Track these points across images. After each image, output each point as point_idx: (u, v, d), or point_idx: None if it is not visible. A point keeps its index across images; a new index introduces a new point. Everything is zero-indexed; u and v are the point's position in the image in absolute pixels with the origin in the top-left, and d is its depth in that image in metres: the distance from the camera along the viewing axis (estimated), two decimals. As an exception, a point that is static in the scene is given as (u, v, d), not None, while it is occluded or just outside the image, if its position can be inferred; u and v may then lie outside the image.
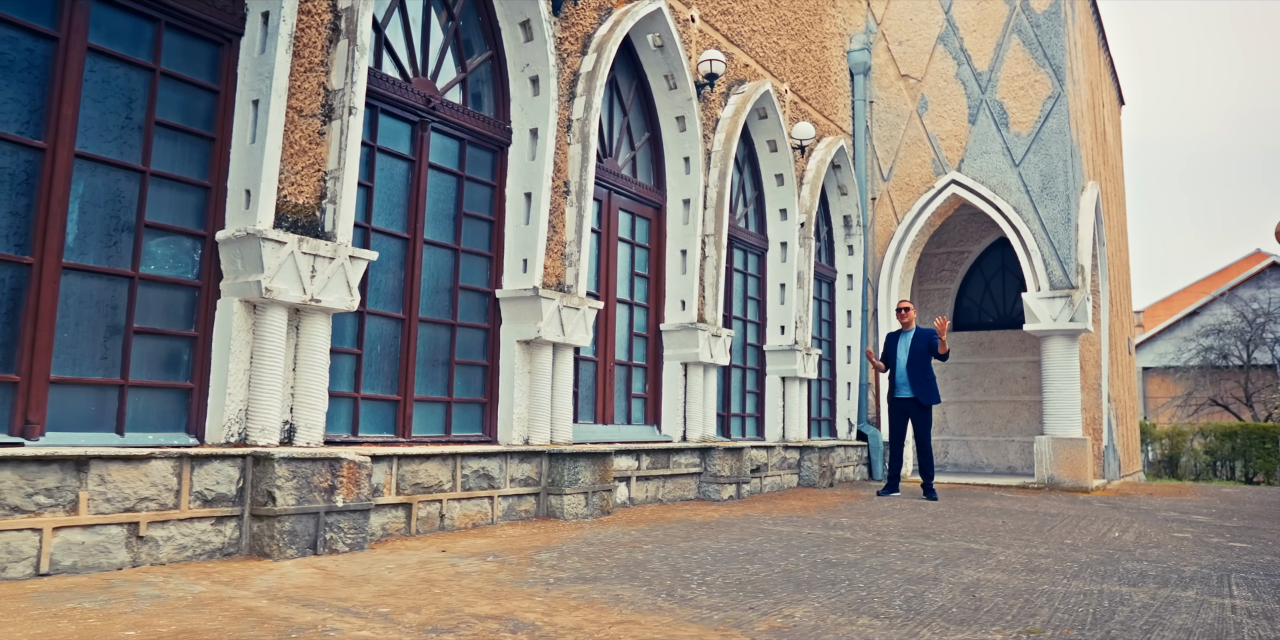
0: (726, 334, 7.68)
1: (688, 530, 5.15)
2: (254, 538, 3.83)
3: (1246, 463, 24.19)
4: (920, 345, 8.14)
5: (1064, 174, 10.05)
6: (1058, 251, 9.95)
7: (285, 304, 4.19)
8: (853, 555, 4.37)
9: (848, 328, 10.76)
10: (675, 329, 7.37)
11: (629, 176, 7.26)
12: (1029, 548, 4.82)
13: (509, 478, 5.30)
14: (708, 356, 7.39)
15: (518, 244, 5.83)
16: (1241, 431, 24.20)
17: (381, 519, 4.49)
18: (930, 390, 8.12)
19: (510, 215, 5.89)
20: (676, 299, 7.51)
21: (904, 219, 10.96)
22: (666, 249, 7.59)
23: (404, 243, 5.25)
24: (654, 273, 7.53)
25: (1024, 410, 12.43)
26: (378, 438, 4.94)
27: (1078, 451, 9.61)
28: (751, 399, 8.95)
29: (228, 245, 4.14)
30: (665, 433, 7.33)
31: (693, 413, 7.40)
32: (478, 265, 5.76)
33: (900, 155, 11.13)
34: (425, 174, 5.38)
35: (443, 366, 5.45)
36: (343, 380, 4.81)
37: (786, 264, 9.20)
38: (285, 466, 3.83)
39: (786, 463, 8.69)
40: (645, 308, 7.43)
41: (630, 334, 7.23)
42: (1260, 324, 28.93)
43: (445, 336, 5.48)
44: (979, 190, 10.45)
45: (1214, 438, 24.53)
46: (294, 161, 4.39)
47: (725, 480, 7.14)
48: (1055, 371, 9.84)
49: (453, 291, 5.55)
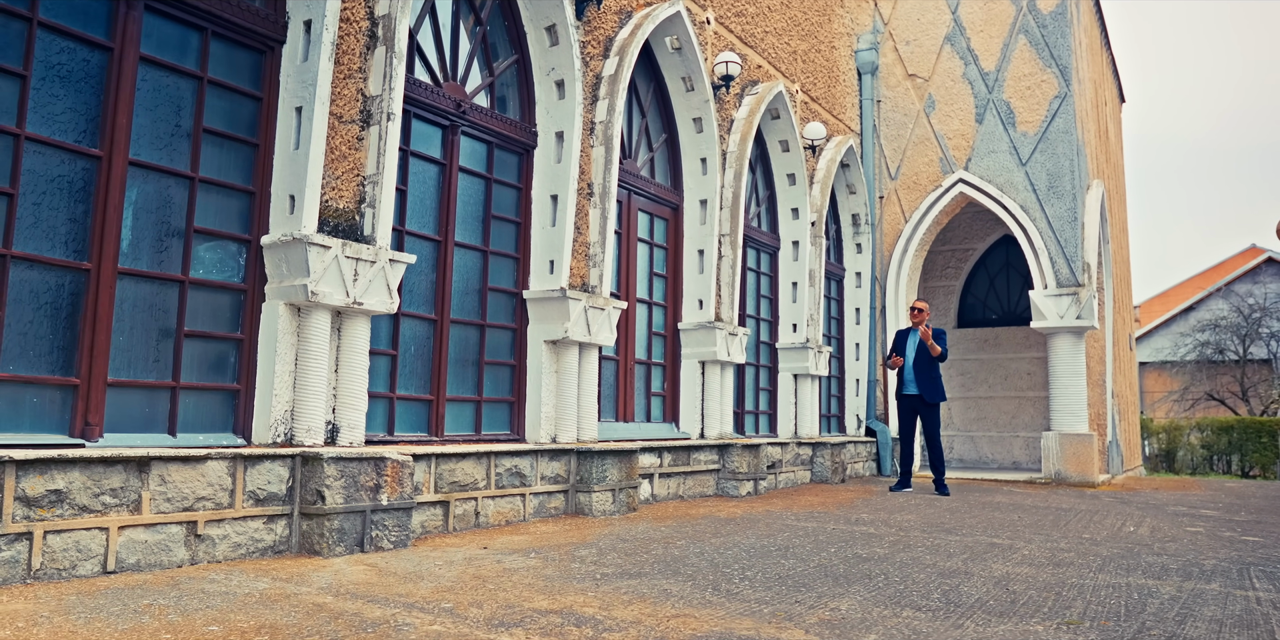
0: (743, 332, 7.79)
1: (715, 526, 5.26)
2: (304, 536, 3.94)
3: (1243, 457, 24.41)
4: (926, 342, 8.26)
5: (1070, 173, 10.17)
6: (1064, 249, 10.08)
7: (329, 307, 4.28)
8: (881, 550, 4.49)
9: (856, 325, 10.88)
10: (693, 328, 7.48)
11: (647, 177, 7.36)
12: (1050, 542, 4.94)
13: (539, 475, 5.40)
14: (725, 355, 7.50)
15: (544, 245, 5.93)
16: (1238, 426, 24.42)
17: (421, 517, 4.60)
18: (936, 388, 8.24)
19: (536, 217, 5.99)
20: (694, 298, 7.61)
21: (911, 217, 11.08)
22: (684, 249, 7.69)
23: (436, 245, 5.35)
24: (671, 272, 7.64)
25: (1029, 406, 12.58)
26: (412, 437, 5.04)
27: (1084, 447, 9.75)
28: (764, 396, 9.06)
29: (273, 250, 4.24)
30: (684, 430, 7.44)
31: (710, 410, 7.51)
32: (505, 267, 5.85)
33: (908, 154, 11.24)
34: (456, 177, 5.48)
35: (473, 366, 5.55)
36: (379, 381, 4.91)
37: (798, 262, 9.31)
38: (333, 466, 3.93)
39: (800, 459, 8.81)
40: (663, 307, 7.54)
41: (649, 333, 7.34)
42: (1256, 319, 29.15)
43: (475, 337, 5.58)
44: (986, 189, 10.57)
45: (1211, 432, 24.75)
46: (334, 167, 4.48)
47: (743, 477, 7.26)
48: (1062, 368, 9.98)
49: (482, 292, 5.64)
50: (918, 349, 8.30)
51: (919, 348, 8.29)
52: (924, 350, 8.24)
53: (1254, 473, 23.93)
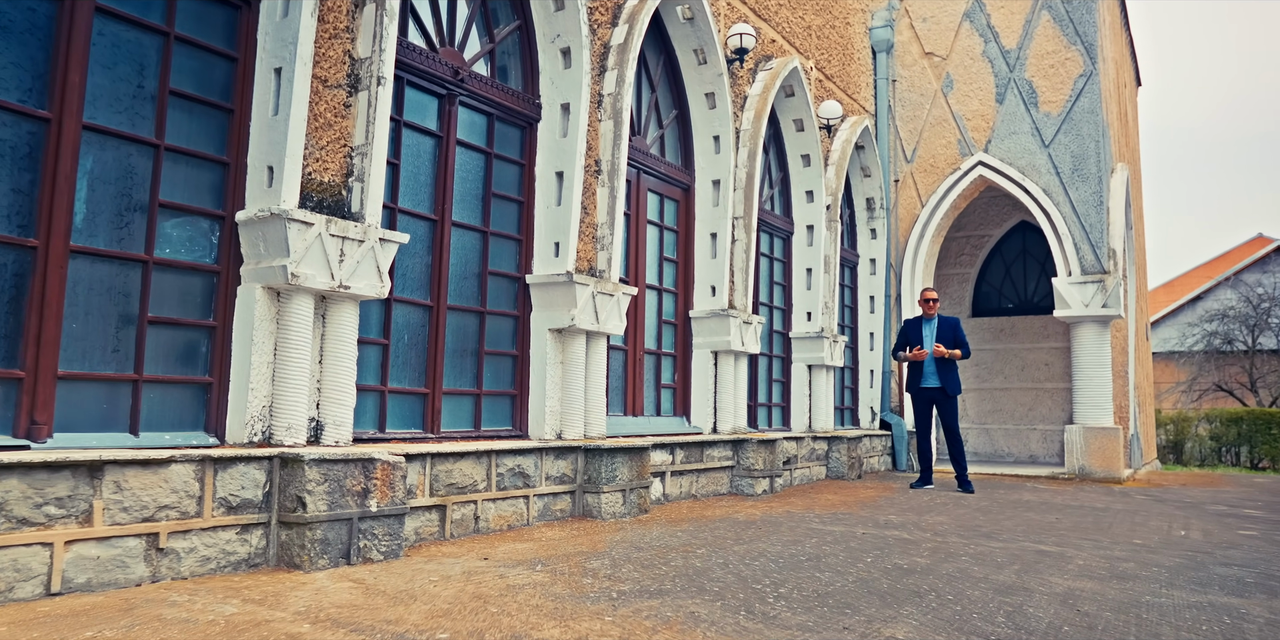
0: (757, 321, 7.36)
1: (735, 531, 4.85)
2: (282, 547, 3.51)
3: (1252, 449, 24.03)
4: (945, 335, 7.84)
5: (1095, 155, 9.72)
6: (1089, 235, 9.64)
7: (312, 291, 3.85)
8: (922, 560, 4.07)
9: (870, 314, 10.45)
10: (705, 316, 7.05)
11: (657, 156, 6.92)
12: (1101, 550, 4.53)
13: (544, 475, 4.98)
14: (739, 344, 7.07)
15: (549, 226, 5.49)
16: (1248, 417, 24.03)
17: (415, 523, 4.18)
18: (956, 380, 7.83)
19: (540, 196, 5.55)
20: (706, 284, 7.18)
21: (928, 201, 10.64)
22: (695, 232, 7.25)
23: (431, 225, 4.91)
24: (682, 257, 7.20)
25: (1046, 398, 12.17)
26: (406, 434, 4.61)
27: (1110, 441, 9.35)
28: (777, 388, 8.64)
29: (249, 227, 3.80)
30: (695, 424, 7.02)
31: (723, 403, 7.09)
32: (507, 249, 5.42)
33: (924, 136, 10.78)
34: (453, 151, 5.03)
35: (471, 357, 5.12)
36: (369, 373, 4.48)
37: (813, 248, 8.87)
38: (316, 469, 3.51)
39: (815, 454, 8.40)
40: (674, 294, 7.10)
41: (659, 321, 6.91)
42: (1265, 309, 28.75)
43: (474, 325, 5.15)
44: (1007, 172, 10.12)
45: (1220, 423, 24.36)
46: (318, 136, 4.04)
47: (759, 474, 6.85)
48: (1086, 359, 9.56)
49: (481, 277, 5.21)
50: (936, 340, 7.88)
51: (937, 338, 7.86)
52: (942, 340, 7.81)
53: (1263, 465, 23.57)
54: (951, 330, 7.82)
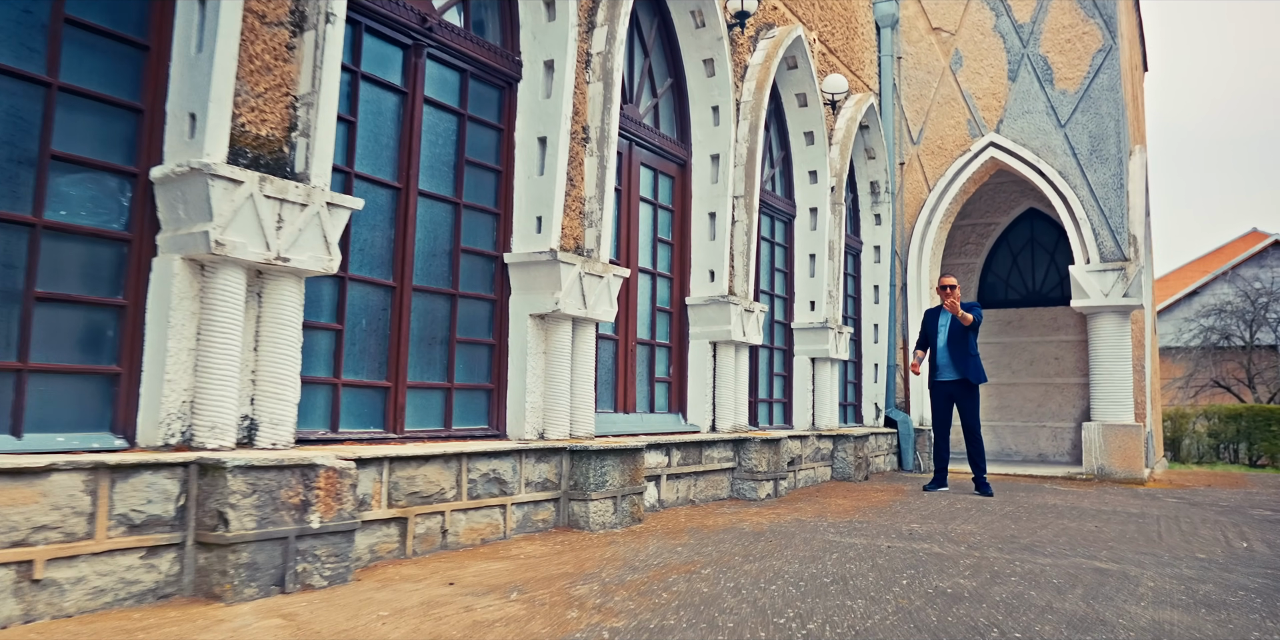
0: (760, 309, 6.75)
1: (743, 544, 4.24)
2: (200, 573, 2.88)
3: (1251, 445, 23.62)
4: (960, 322, 7.25)
5: (1115, 135, 9.15)
6: (1109, 220, 9.08)
7: (242, 263, 3.21)
8: (966, 582, 3.47)
9: (875, 304, 9.86)
10: (703, 303, 6.43)
11: (651, 127, 6.29)
12: (1165, 567, 3.94)
13: (524, 481, 4.35)
14: (740, 335, 6.46)
15: (530, 199, 4.86)
16: (1247, 414, 23.59)
17: (369, 539, 3.54)
18: (977, 368, 7.26)
19: (521, 164, 4.91)
20: (704, 269, 6.56)
21: (936, 186, 10.05)
22: (692, 211, 6.63)
23: (394, 194, 4.27)
24: (678, 238, 6.58)
25: (1056, 394, 11.62)
26: (363, 434, 3.98)
27: (1130, 439, 8.79)
28: (779, 382, 8.04)
29: (167, 186, 3.15)
30: (692, 422, 6.41)
31: (723, 399, 6.48)
32: (482, 223, 4.78)
33: (931, 116, 10.19)
34: (420, 110, 4.39)
35: (441, 346, 4.48)
36: (319, 363, 3.84)
37: (816, 232, 8.26)
38: (242, 477, 2.87)
39: (820, 454, 7.80)
40: (669, 279, 6.48)
41: (652, 308, 6.28)
42: (1263, 304, 28.36)
43: (444, 309, 4.51)
44: (1021, 153, 9.54)
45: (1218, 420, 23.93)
46: (254, 81, 3.39)
47: (762, 477, 6.24)
48: (1105, 351, 9.00)
49: (453, 254, 4.57)
50: (950, 330, 7.29)
51: (951, 328, 7.28)
52: (958, 330, 7.23)
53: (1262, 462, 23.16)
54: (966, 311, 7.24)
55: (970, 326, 7.14)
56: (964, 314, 7.05)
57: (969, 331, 7.21)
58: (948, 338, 7.29)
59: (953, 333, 7.32)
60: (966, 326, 7.18)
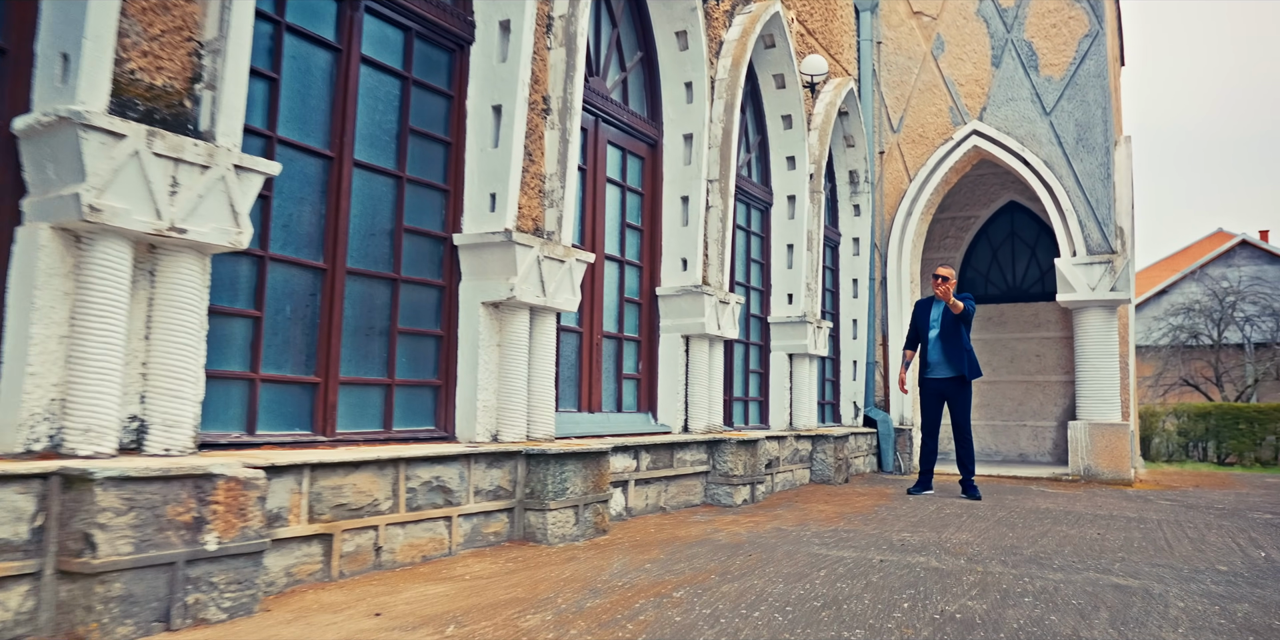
0: (735, 301, 6.30)
1: (720, 560, 3.77)
2: (61, 609, 2.36)
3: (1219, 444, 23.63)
4: (955, 316, 6.85)
5: (1101, 123, 8.82)
6: (1095, 212, 8.74)
7: (127, 234, 2.69)
8: (975, 604, 3.03)
9: (853, 298, 9.46)
10: (675, 293, 5.97)
11: (619, 102, 5.81)
12: (1188, 582, 3.54)
13: (473, 489, 3.86)
14: (714, 328, 6.00)
15: (484, 174, 4.36)
16: (1215, 412, 23.60)
17: (285, 560, 3.03)
18: (972, 363, 6.85)
19: (473, 136, 4.41)
20: (676, 257, 6.09)
21: (917, 175, 9.67)
22: (663, 195, 6.16)
23: (325, 164, 3.75)
24: (648, 224, 6.11)
25: (1037, 392, 11.31)
26: (286, 436, 3.46)
27: (1117, 439, 8.46)
28: (755, 379, 7.60)
29: (33, 140, 2.63)
30: (663, 422, 5.94)
31: (696, 397, 6.02)
32: (429, 201, 4.27)
33: (912, 103, 9.81)
34: (356, 70, 3.88)
35: (380, 337, 3.97)
36: (233, 355, 3.32)
37: (794, 221, 7.84)
38: (115, 491, 2.36)
39: (799, 455, 7.37)
40: (638, 267, 6.01)
41: (620, 299, 5.81)
42: (1231, 303, 28.49)
43: (384, 295, 4.00)
44: (1005, 142, 9.18)
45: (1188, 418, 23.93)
46: (148, 20, 2.87)
47: (738, 480, 5.79)
48: (1092, 348, 8.66)
49: (394, 234, 4.06)
50: (942, 322, 6.89)
51: (944, 321, 6.88)
52: (950, 322, 6.83)
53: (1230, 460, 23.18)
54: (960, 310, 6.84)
55: (961, 316, 6.73)
56: (955, 301, 6.63)
57: (961, 323, 6.80)
58: (940, 332, 6.87)
59: (945, 326, 6.90)
60: (957, 315, 6.76)
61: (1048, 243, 11.45)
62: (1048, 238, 11.46)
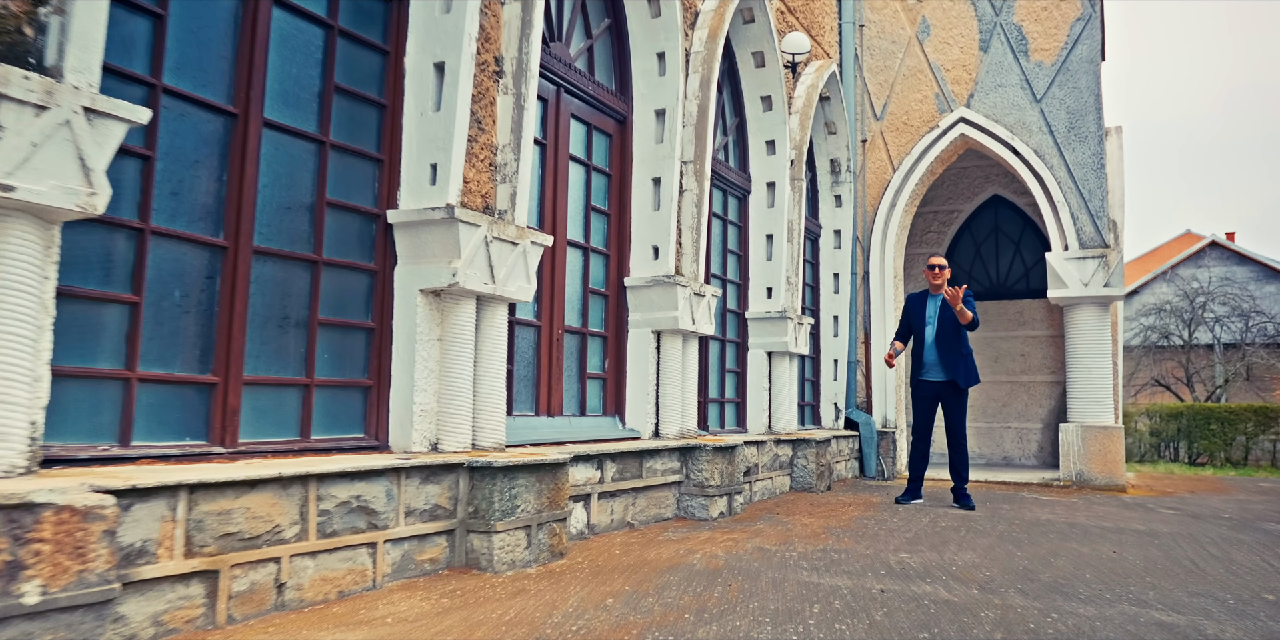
0: (711, 293, 5.75)
1: (694, 590, 3.21)
2: None
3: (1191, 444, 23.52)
4: (954, 313, 6.33)
5: (1094, 111, 8.39)
6: (1088, 204, 8.30)
7: (-69, 190, 2.07)
8: (1005, 653, 2.49)
9: (834, 294, 8.95)
10: (645, 284, 5.40)
11: (584, 72, 5.23)
12: (1243, 618, 3.03)
13: (404, 509, 3.27)
14: (688, 322, 5.45)
15: (423, 141, 3.77)
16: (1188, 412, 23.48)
17: (152, 605, 2.43)
18: (969, 369, 6.35)
19: (412, 97, 3.82)
20: (646, 244, 5.53)
21: (901, 165, 9.18)
22: (633, 176, 5.59)
23: (228, 121, 3.15)
24: (616, 207, 5.54)
25: (1022, 392, 10.88)
26: (172, 447, 2.85)
27: (1111, 442, 8.02)
28: (731, 379, 7.06)
29: None
30: (631, 427, 5.37)
31: (668, 399, 5.46)
32: (359, 171, 3.68)
33: (896, 89, 9.32)
34: (267, 12, 3.27)
35: (297, 329, 3.37)
36: (101, 348, 2.71)
37: (774, 210, 7.30)
38: (-114, 530, 1.75)
39: (779, 462, 6.83)
40: (604, 255, 5.44)
41: (584, 290, 5.24)
42: (1201, 303, 28.49)
43: (302, 280, 3.40)
44: (994, 130, 8.72)
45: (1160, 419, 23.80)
46: (-27, -77, 2.26)
47: (714, 492, 5.23)
48: (1084, 346, 8.22)
49: (315, 209, 3.46)
50: (939, 320, 6.36)
51: (941, 317, 6.35)
52: (949, 320, 6.31)
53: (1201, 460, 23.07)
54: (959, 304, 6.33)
55: (969, 325, 6.21)
56: (962, 309, 6.09)
57: (960, 325, 6.29)
58: (937, 332, 6.33)
59: (943, 325, 6.33)
60: (965, 325, 6.24)
61: (1032, 238, 11.05)
62: (1033, 233, 11.05)
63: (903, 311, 6.67)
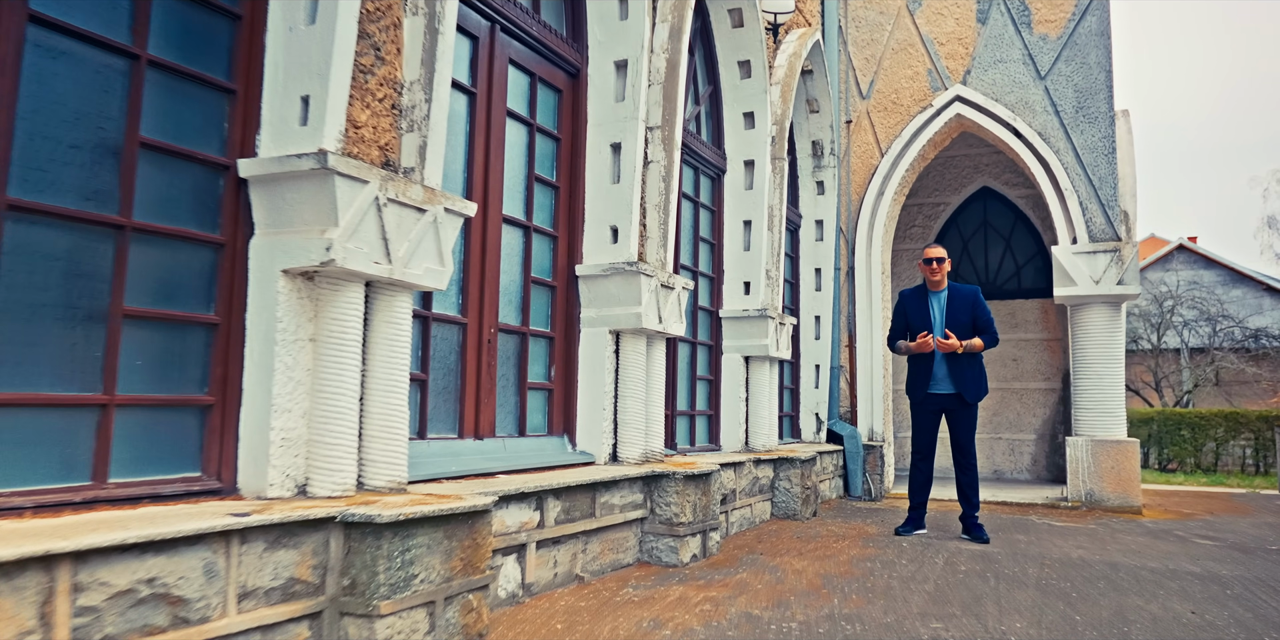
0: (682, 285, 4.75)
1: (665, 707, 2.21)
2: None
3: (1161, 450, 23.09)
4: (962, 313, 5.40)
5: (1105, 89, 7.55)
6: (1098, 192, 7.46)
7: None
8: None
9: (816, 292, 8.02)
10: (602, 273, 4.39)
11: (527, 9, 4.21)
12: None
13: (237, 590, 2.22)
14: (654, 320, 4.45)
15: (291, 67, 2.72)
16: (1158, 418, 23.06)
17: None
18: (979, 380, 5.43)
19: (280, 9, 2.77)
20: (603, 225, 4.53)
21: (890, 149, 8.28)
22: (587, 140, 4.59)
23: (-34, 10, 2.08)
24: (566, 178, 4.53)
25: (1014, 400, 10.04)
26: None
27: (1126, 458, 7.17)
28: (703, 388, 6.08)
29: None
30: (583, 449, 4.36)
31: (629, 414, 4.45)
32: (197, 103, 2.62)
33: (885, 65, 8.42)
34: None
35: (89, 325, 2.31)
36: None
37: (753, 193, 6.34)
38: None
39: (759, 485, 5.86)
40: (551, 236, 4.42)
41: (525, 279, 4.21)
42: (1169, 307, 28.18)
43: (101, 254, 2.34)
44: (993, 110, 7.85)
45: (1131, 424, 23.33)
46: None
47: (685, 530, 4.23)
48: (1093, 351, 7.36)
49: (123, 152, 2.40)
50: (946, 323, 5.42)
51: (950, 321, 5.40)
52: (959, 323, 5.38)
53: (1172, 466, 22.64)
54: (969, 306, 5.40)
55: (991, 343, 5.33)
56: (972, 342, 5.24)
57: (973, 330, 5.36)
58: (944, 334, 5.40)
59: (951, 329, 5.38)
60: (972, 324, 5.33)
61: (1024, 233, 10.23)
62: (1024, 228, 10.23)
63: (896, 311, 5.69)
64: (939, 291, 5.50)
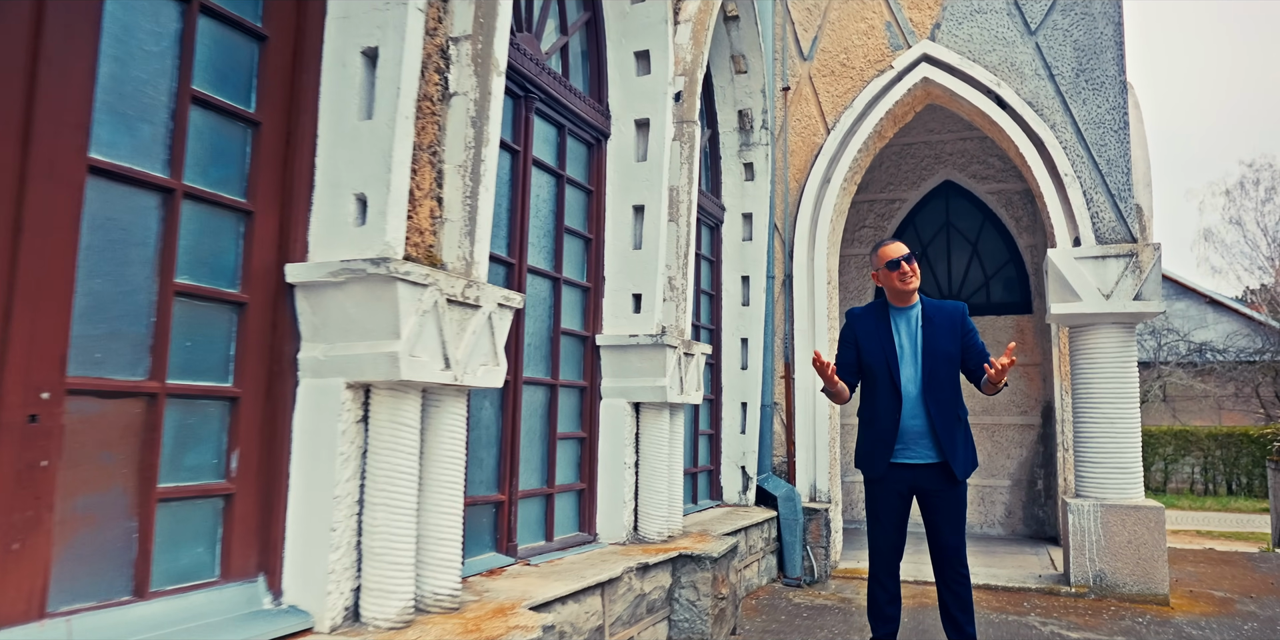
0: (515, 302, 2.78)
1: None
2: None
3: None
4: (946, 340, 3.54)
5: (1114, 47, 5.86)
6: (1106, 179, 5.74)
7: None
8: None
9: (743, 306, 6.16)
10: (333, 279, 2.40)
11: None
12: None
13: None
14: (431, 369, 2.47)
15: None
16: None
17: None
18: (969, 444, 3.59)
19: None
20: (345, 192, 2.54)
21: (838, 123, 6.47)
22: (325, 50, 2.60)
23: None
24: (284, 113, 2.53)
25: (984, 439, 8.30)
26: None
27: (1146, 529, 5.42)
28: (567, 452, 4.12)
29: None
30: (293, 604, 2.36)
31: (378, 538, 2.46)
32: None
33: (831, 18, 6.62)
34: None
35: None
36: None
37: (647, 166, 4.43)
38: None
39: (649, 603, 3.91)
40: (242, 212, 2.42)
41: (171, 291, 2.20)
42: (1139, 320, 27.26)
43: None
44: (971, 73, 6.09)
45: (1081, 444, 22.09)
46: None
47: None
48: (1101, 386, 5.61)
49: None
50: (924, 355, 3.53)
51: (928, 351, 3.53)
52: (941, 354, 3.51)
53: (1143, 487, 21.45)
54: (954, 329, 3.54)
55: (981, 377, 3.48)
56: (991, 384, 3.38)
57: (958, 368, 3.53)
58: (922, 376, 3.51)
59: (931, 365, 3.50)
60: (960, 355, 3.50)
61: (994, 236, 8.54)
62: (994, 230, 8.54)
63: (843, 338, 3.75)
64: (907, 307, 3.62)
